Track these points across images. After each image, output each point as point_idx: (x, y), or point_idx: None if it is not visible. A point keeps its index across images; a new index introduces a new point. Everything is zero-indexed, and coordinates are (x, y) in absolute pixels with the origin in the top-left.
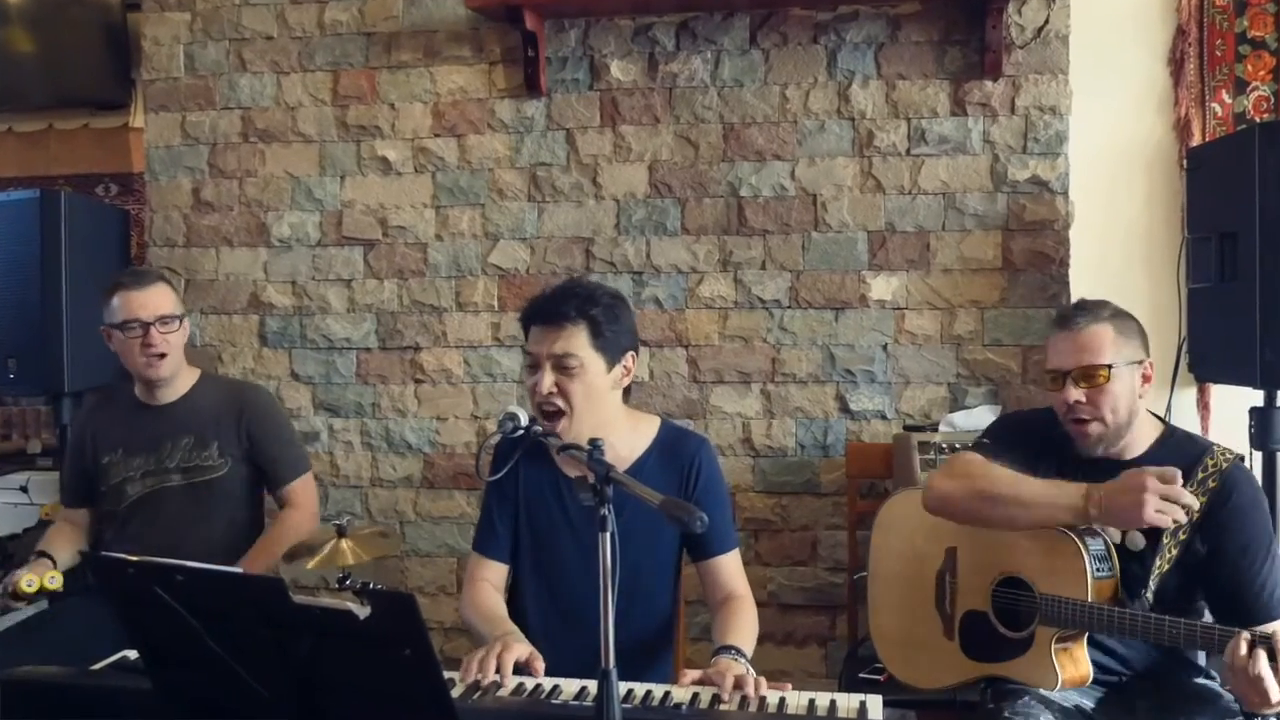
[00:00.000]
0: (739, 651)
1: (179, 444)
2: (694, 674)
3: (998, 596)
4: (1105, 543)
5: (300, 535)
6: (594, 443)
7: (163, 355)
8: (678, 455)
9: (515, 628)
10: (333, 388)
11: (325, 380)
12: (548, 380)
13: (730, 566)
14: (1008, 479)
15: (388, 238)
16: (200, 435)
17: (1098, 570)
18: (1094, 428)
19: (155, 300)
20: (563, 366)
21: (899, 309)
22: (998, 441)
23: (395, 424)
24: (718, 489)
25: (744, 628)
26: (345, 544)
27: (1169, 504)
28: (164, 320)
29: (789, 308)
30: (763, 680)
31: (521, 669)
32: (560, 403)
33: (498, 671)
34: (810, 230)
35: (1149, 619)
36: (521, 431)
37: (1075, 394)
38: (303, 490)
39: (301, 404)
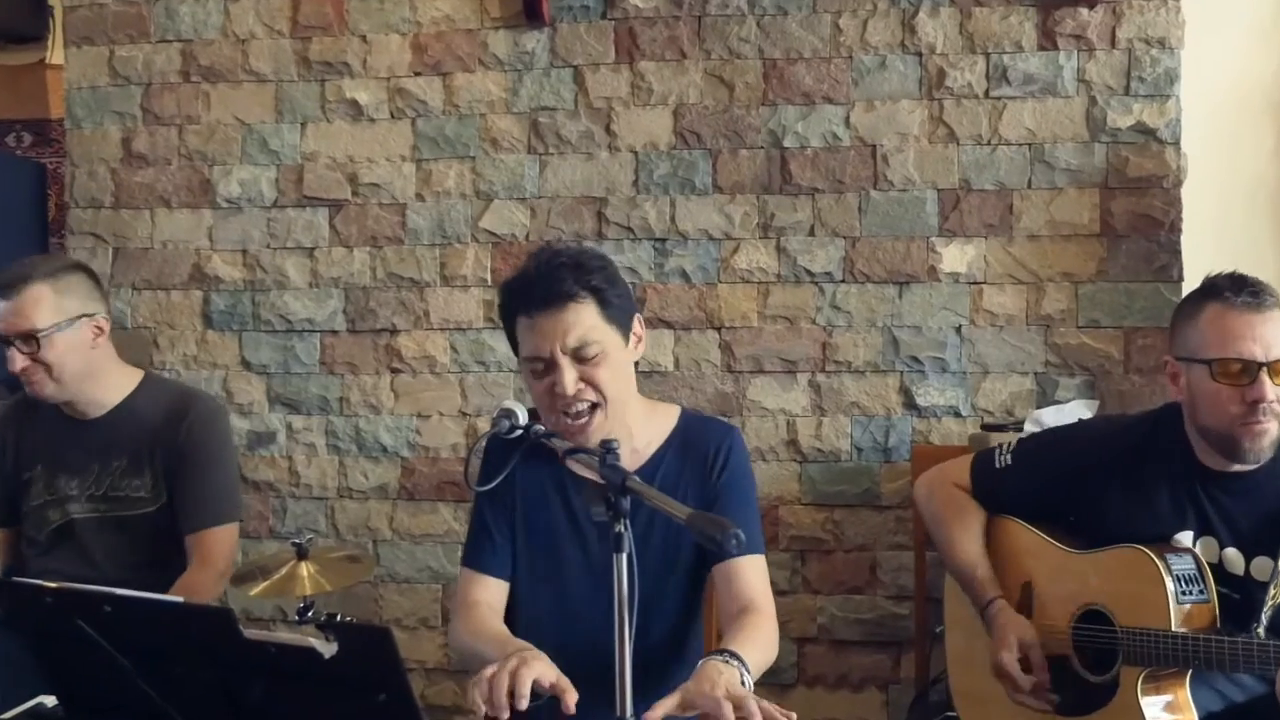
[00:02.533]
0: (734, 656)
1: (109, 468)
2: (668, 703)
3: (1079, 634)
4: (1196, 561)
5: (202, 600)
6: (607, 445)
7: (40, 377)
8: (700, 444)
9: (532, 646)
10: (292, 379)
11: (283, 370)
12: (570, 377)
13: (752, 573)
14: (951, 531)
15: (358, 197)
16: (134, 458)
17: (1183, 594)
18: (1274, 429)
19: (16, 312)
20: (583, 356)
21: (975, 283)
22: (1021, 464)
23: (367, 422)
24: (744, 482)
25: (751, 637)
26: (306, 567)
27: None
28: (25, 338)
29: (842, 282)
30: (772, 708)
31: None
32: (591, 396)
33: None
34: (868, 188)
35: (1252, 646)
36: (519, 432)
37: (1273, 391)
38: (216, 544)
39: (254, 398)
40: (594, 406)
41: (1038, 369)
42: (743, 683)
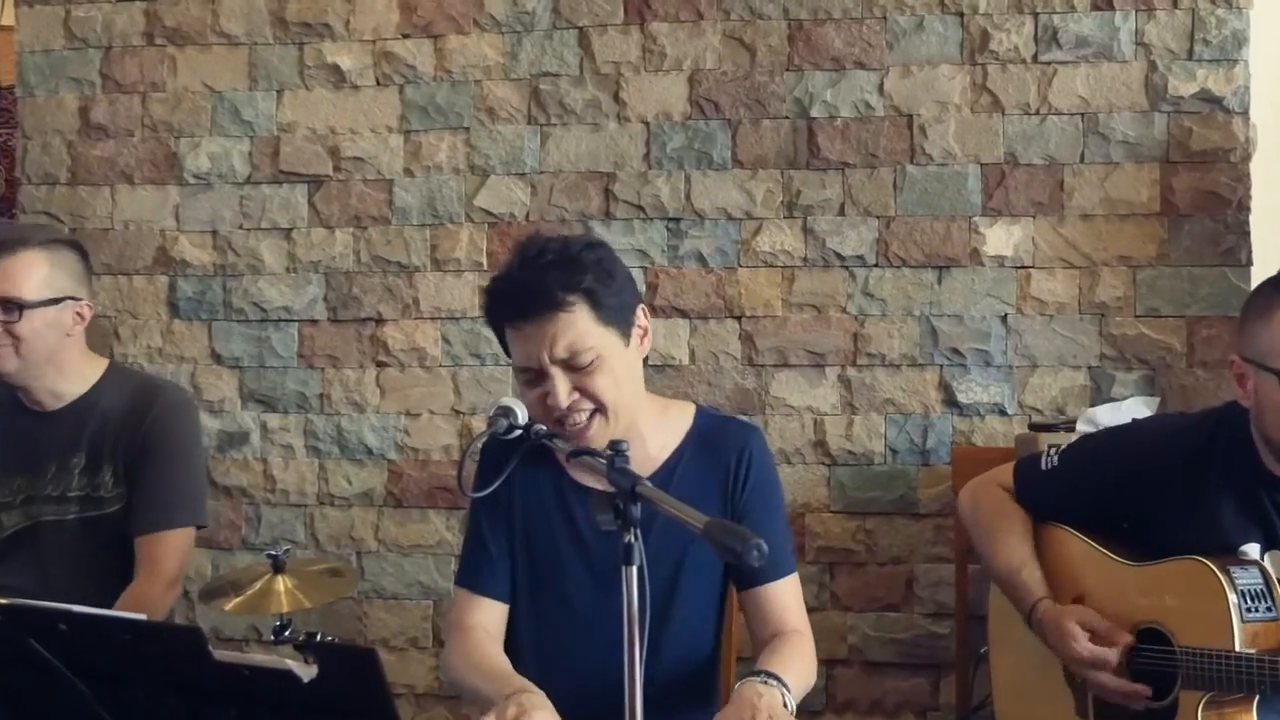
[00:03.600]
0: (773, 676)
1: (67, 465)
2: None
3: (1133, 654)
4: (1264, 574)
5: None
6: (615, 446)
7: (6, 349)
8: (720, 449)
9: (532, 685)
10: (267, 373)
11: (257, 363)
12: (562, 389)
13: (785, 596)
14: (994, 534)
15: (340, 173)
16: (94, 454)
17: (1249, 611)
18: None
19: (5, 274)
20: (575, 365)
21: (1023, 268)
22: (1070, 466)
23: (351, 421)
24: (771, 493)
25: (790, 657)
26: (283, 582)
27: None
28: (5, 304)
29: (876, 266)
30: None
31: None
32: (589, 406)
33: None
34: (904, 163)
35: None
36: (519, 432)
37: None
38: (167, 550)
39: (225, 394)
40: (594, 413)
41: (1091, 363)
42: (785, 705)
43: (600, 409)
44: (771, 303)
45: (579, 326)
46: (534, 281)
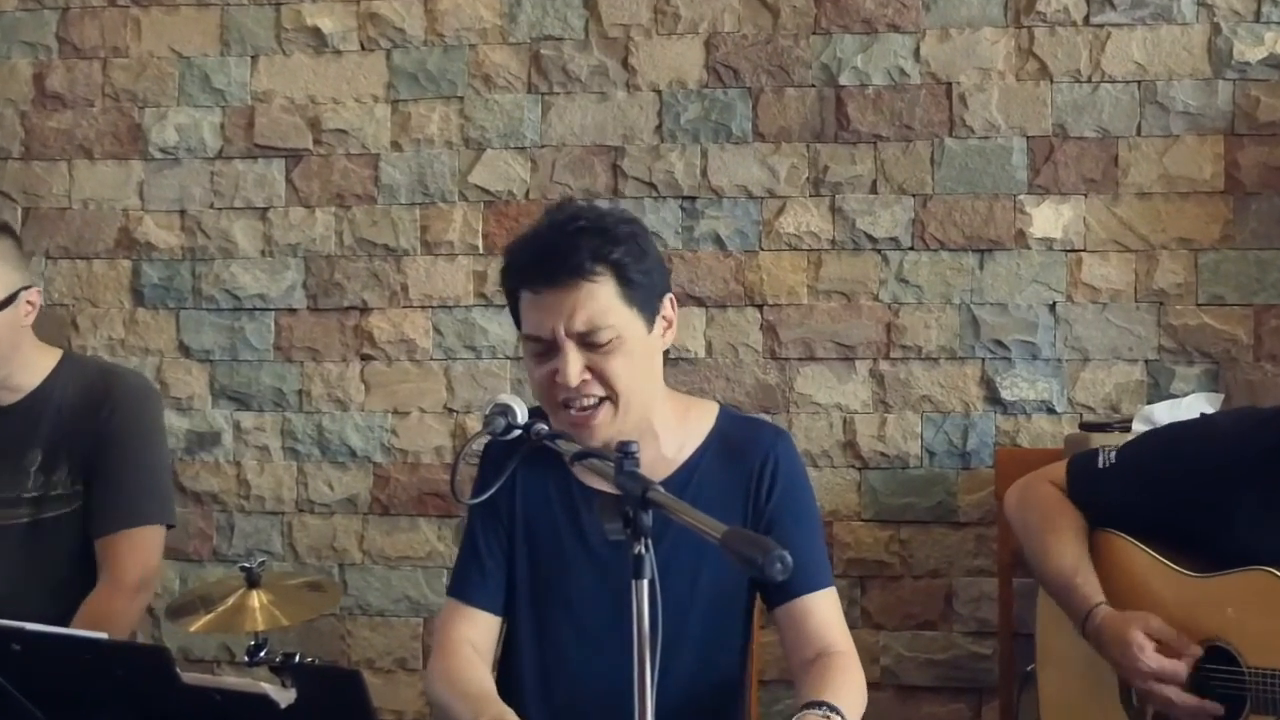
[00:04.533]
0: (832, 709)
1: (23, 463)
2: None
3: (1198, 675)
4: None
5: (114, 627)
6: (625, 448)
7: None
8: (743, 454)
9: (512, 713)
10: (240, 367)
11: (229, 356)
12: (574, 366)
13: (823, 611)
14: (1045, 536)
15: (321, 147)
16: (51, 450)
17: None
18: None
19: None
20: (593, 343)
21: (1073, 251)
22: (1128, 465)
23: (332, 421)
24: (802, 500)
25: (843, 685)
26: (258, 597)
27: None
28: None
29: (911, 249)
30: None
31: None
32: (599, 390)
33: None
34: (943, 135)
35: None
36: (518, 432)
37: None
38: (132, 552)
39: (194, 390)
40: (603, 400)
41: (1149, 356)
42: None
43: (611, 396)
44: (796, 289)
45: (602, 301)
46: (564, 244)
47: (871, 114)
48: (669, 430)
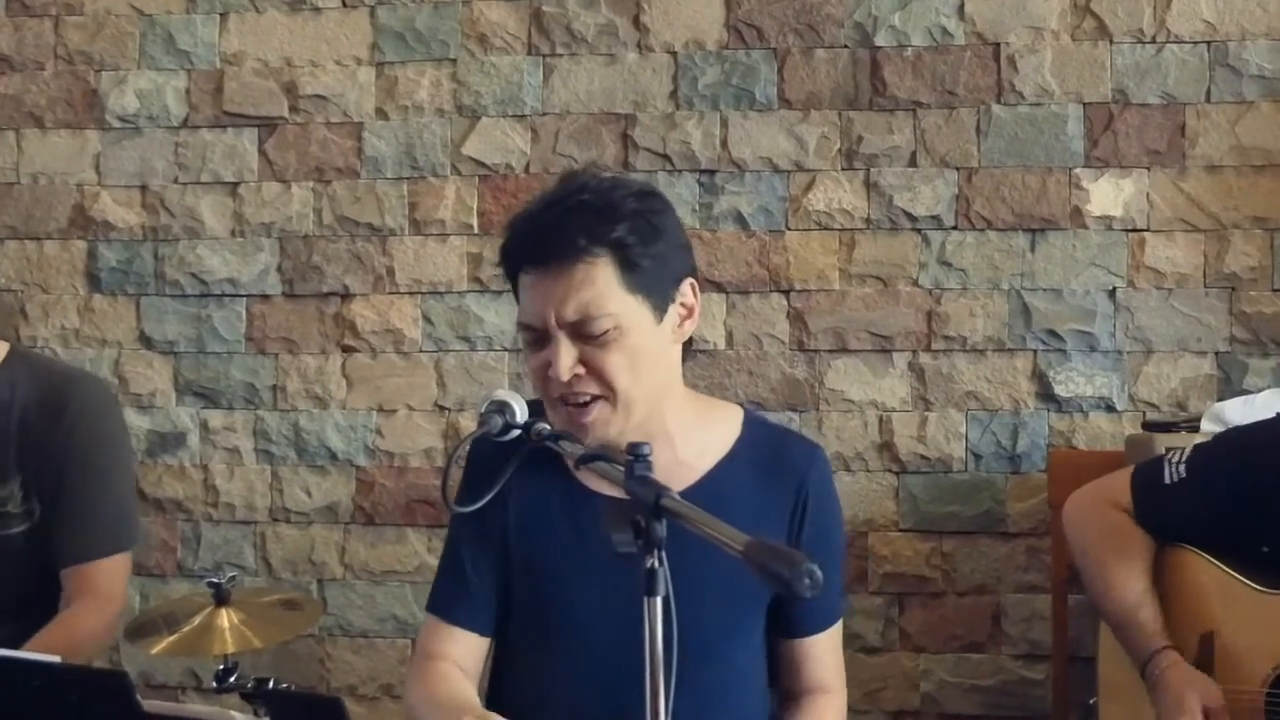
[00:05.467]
0: None
1: None
2: None
3: (1275, 700)
4: None
5: (93, 648)
6: (636, 450)
7: None
8: (781, 472)
9: (493, 715)
10: (208, 360)
11: (195, 348)
12: (566, 360)
13: (823, 648)
14: (1106, 566)
15: (298, 114)
16: (1, 462)
17: None
18: None
19: None
20: (586, 333)
21: (1135, 230)
22: (1199, 476)
23: (311, 420)
24: (834, 531)
25: None
26: (228, 616)
27: None
28: None
29: (954, 229)
30: None
31: None
32: (594, 388)
33: None
34: (990, 102)
35: None
36: (517, 432)
37: None
38: (114, 575)
39: (157, 386)
40: (598, 397)
41: (1220, 347)
42: None
43: (606, 394)
44: (827, 273)
45: (599, 286)
46: (557, 221)
47: (910, 78)
48: (687, 433)
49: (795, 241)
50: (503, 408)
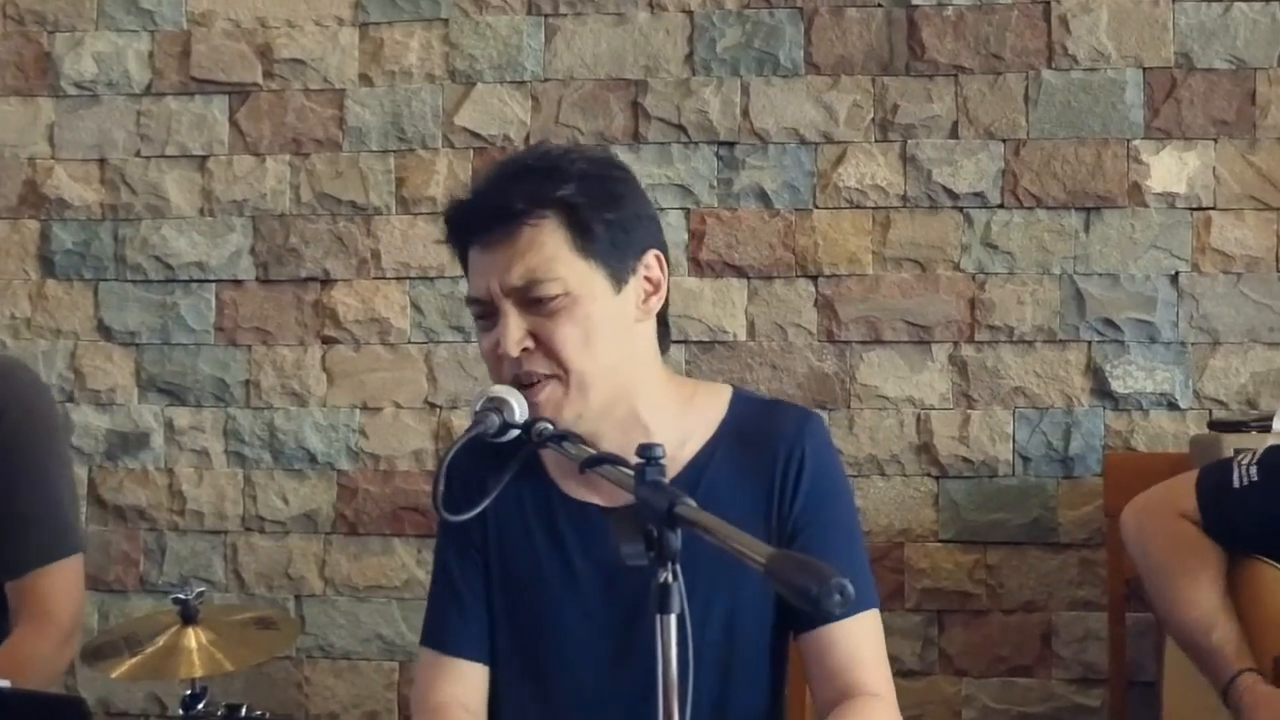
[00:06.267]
0: None
1: None
2: None
3: None
4: None
5: (43, 673)
6: (647, 452)
7: None
8: (761, 445)
9: None
10: (174, 352)
11: (160, 339)
12: (513, 332)
13: (854, 640)
14: (1175, 581)
15: (273, 80)
16: None
17: None
18: None
19: None
20: (531, 299)
21: (1200, 209)
22: (1271, 479)
23: (287, 419)
24: (835, 501)
25: None
26: (196, 636)
27: None
28: None
29: (1000, 207)
30: None
31: None
32: (544, 366)
33: None
34: (1039, 66)
35: None
36: (516, 432)
37: None
38: (61, 590)
39: (117, 381)
40: (547, 378)
41: None
42: None
43: (557, 373)
44: (859, 257)
45: (546, 250)
46: (499, 187)
47: (951, 40)
48: (664, 421)
49: (823, 221)
50: (499, 405)
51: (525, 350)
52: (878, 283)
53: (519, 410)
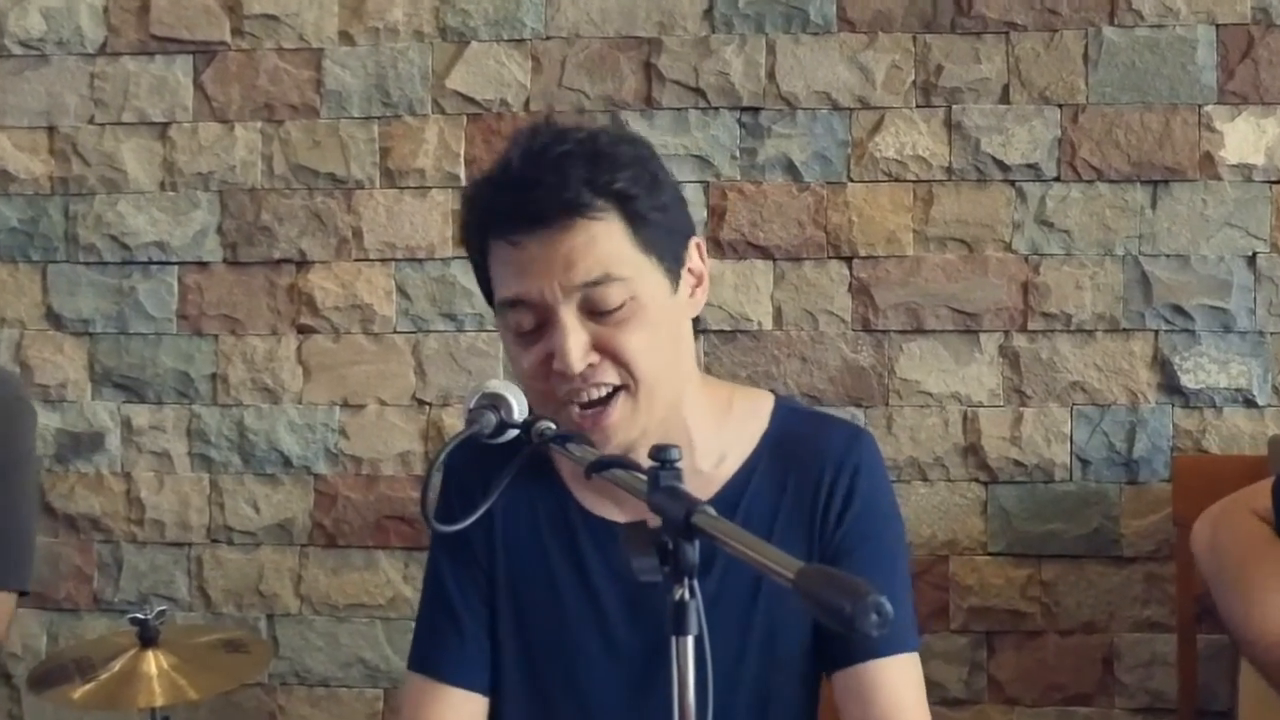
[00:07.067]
0: None
1: None
2: None
3: None
4: None
5: None
6: (662, 455)
7: None
8: (805, 463)
9: None
10: (131, 343)
11: (116, 328)
12: (576, 343)
13: (897, 683)
14: (1248, 590)
15: (242, 38)
16: None
17: None
18: None
19: None
20: (600, 306)
21: (1279, 183)
22: None
23: (258, 417)
24: (882, 530)
25: None
26: (156, 660)
27: None
28: None
29: (1057, 180)
30: None
31: None
32: (612, 377)
33: None
34: (1100, 23)
35: None
36: (515, 432)
37: None
38: None
39: (68, 375)
40: (617, 390)
41: None
42: None
43: (628, 383)
44: (898, 236)
45: (609, 245)
46: (546, 173)
47: None
48: (705, 433)
49: (859, 196)
50: (494, 402)
51: (592, 365)
52: (919, 265)
53: (517, 408)
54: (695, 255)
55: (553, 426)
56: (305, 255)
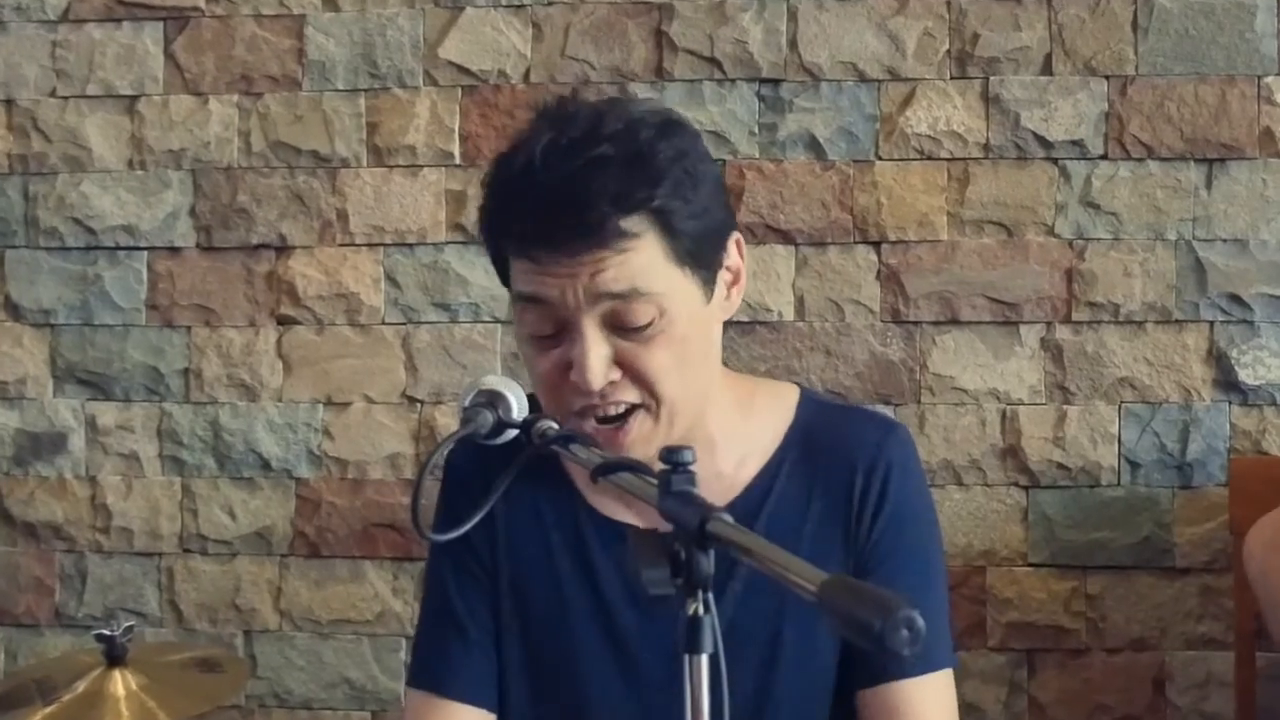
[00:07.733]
0: None
1: None
2: None
3: None
4: None
5: None
6: (673, 456)
7: None
8: (835, 460)
9: None
10: (96, 335)
11: (79, 319)
12: (597, 360)
13: (929, 701)
14: None
15: (219, 4)
16: None
17: None
18: None
19: None
20: (626, 323)
21: None
22: None
23: (235, 415)
24: (918, 533)
25: None
26: (124, 680)
27: None
28: None
29: (1104, 158)
30: None
31: None
32: (633, 394)
33: None
34: None
35: None
36: (514, 433)
37: None
38: None
39: (27, 371)
40: (638, 406)
41: None
42: None
43: (647, 403)
44: (931, 219)
45: (640, 258)
46: (574, 188)
47: None
48: (728, 433)
49: (888, 175)
50: (493, 399)
51: (613, 382)
52: (954, 251)
53: (516, 406)
54: (735, 252)
55: (554, 426)
56: (286, 240)
